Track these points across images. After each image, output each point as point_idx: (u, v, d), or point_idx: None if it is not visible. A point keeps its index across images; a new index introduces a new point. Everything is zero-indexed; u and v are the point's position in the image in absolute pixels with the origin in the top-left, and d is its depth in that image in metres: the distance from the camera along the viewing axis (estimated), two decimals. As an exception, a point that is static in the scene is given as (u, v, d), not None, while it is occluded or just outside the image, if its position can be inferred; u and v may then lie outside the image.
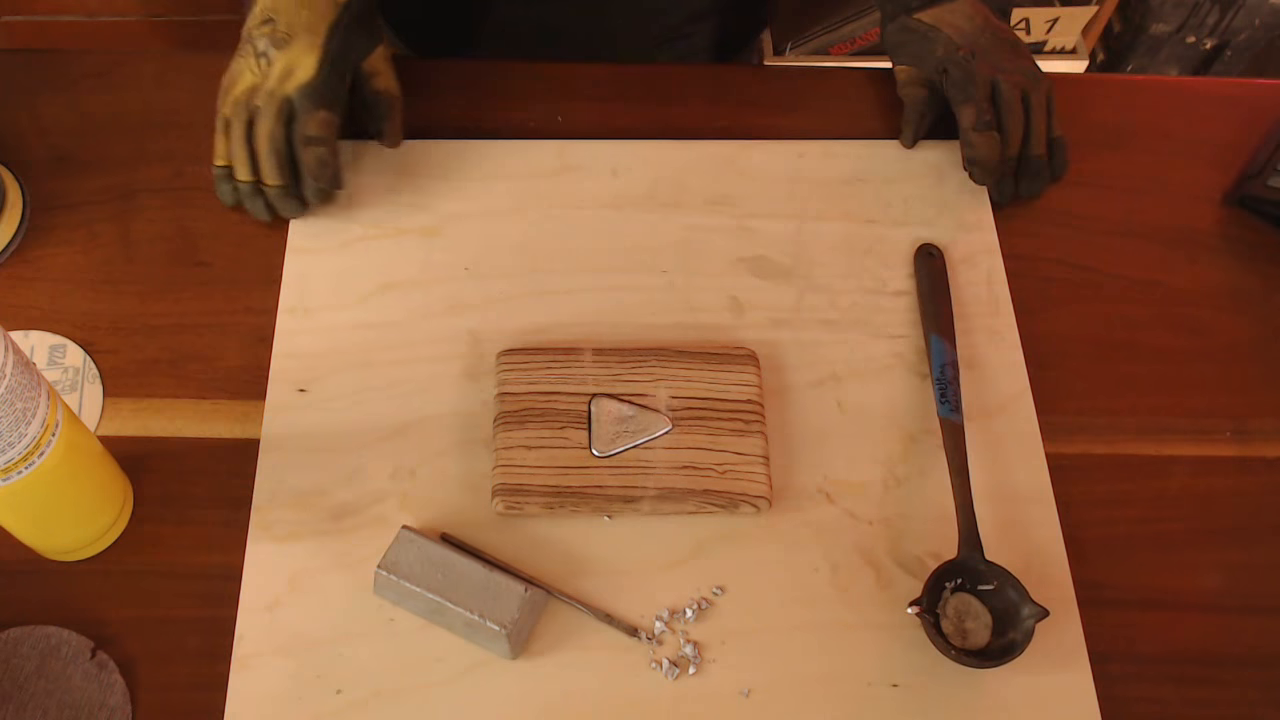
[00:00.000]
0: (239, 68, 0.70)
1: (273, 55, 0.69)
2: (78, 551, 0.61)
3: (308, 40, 0.69)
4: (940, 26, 0.75)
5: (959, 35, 0.74)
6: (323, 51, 0.69)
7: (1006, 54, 0.74)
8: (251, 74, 0.70)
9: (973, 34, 0.74)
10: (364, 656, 0.59)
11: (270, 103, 0.68)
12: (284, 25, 0.69)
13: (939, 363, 0.68)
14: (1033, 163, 0.74)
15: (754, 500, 0.63)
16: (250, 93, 0.69)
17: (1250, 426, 0.69)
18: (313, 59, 0.69)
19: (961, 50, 0.73)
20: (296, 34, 0.69)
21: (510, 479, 0.62)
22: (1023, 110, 0.73)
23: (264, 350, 0.68)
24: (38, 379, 0.53)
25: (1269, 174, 0.77)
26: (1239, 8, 1.58)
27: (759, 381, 0.66)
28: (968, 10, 0.75)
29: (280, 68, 0.69)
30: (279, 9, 0.70)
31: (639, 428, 0.64)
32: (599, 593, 0.61)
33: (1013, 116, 0.73)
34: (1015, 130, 0.73)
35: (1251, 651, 0.62)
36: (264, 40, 0.69)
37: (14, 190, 0.72)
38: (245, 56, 0.70)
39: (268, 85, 0.69)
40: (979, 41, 0.74)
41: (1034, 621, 0.58)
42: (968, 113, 0.73)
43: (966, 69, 0.73)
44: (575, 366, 0.66)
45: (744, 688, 0.59)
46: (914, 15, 0.76)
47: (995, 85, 0.73)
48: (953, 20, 0.75)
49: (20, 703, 0.57)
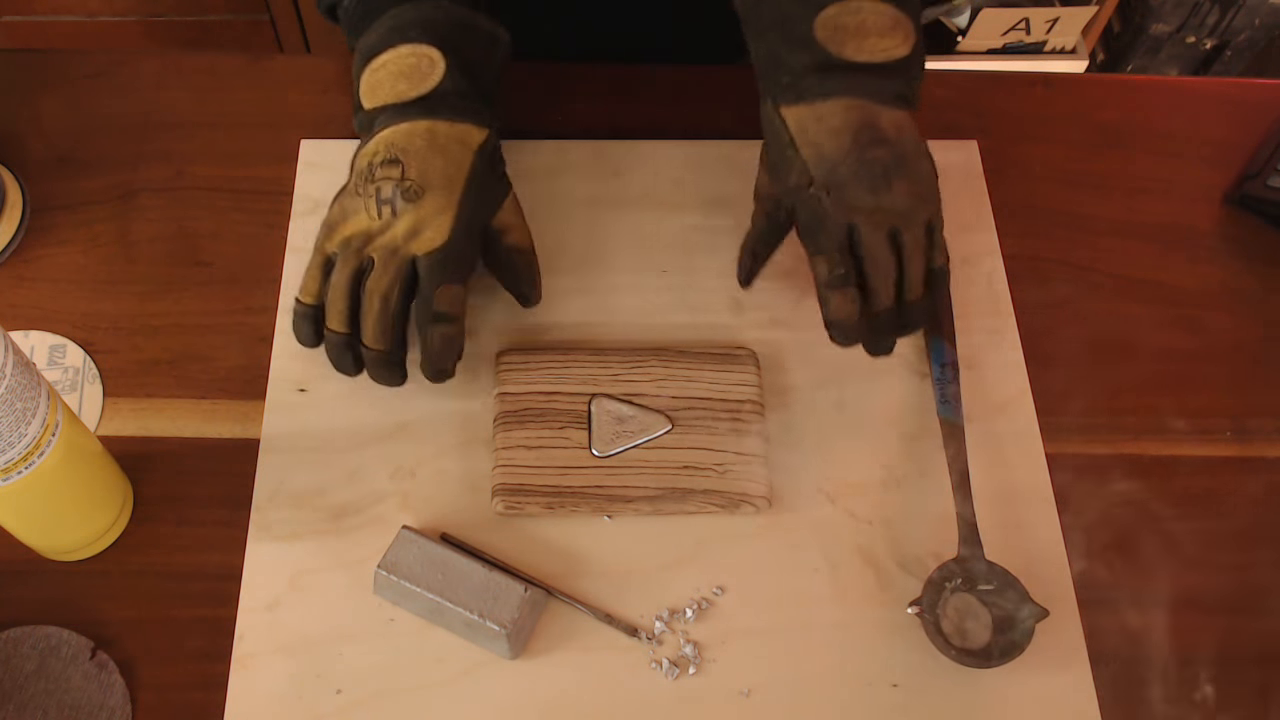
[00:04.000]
0: (353, 205, 0.62)
1: (400, 207, 0.61)
2: (78, 551, 0.61)
3: (442, 197, 0.62)
4: (799, 143, 0.62)
5: (816, 161, 0.62)
6: (458, 212, 0.62)
7: (872, 185, 0.61)
8: (368, 217, 0.61)
9: (834, 159, 0.61)
10: (364, 656, 0.59)
11: (391, 261, 0.61)
12: (415, 173, 0.61)
13: (939, 363, 0.68)
14: (908, 310, 0.63)
15: (754, 500, 0.63)
16: (364, 238, 0.62)
17: (1250, 426, 0.69)
18: (446, 220, 0.61)
19: (813, 186, 0.62)
20: (430, 187, 0.61)
21: (510, 479, 0.62)
22: (892, 255, 0.62)
23: (264, 350, 0.68)
24: (38, 379, 0.53)
25: (1269, 174, 0.77)
26: (1239, 8, 1.58)
27: (759, 381, 0.66)
28: (838, 121, 0.62)
29: (407, 223, 0.61)
30: (408, 150, 0.62)
31: (639, 428, 0.64)
32: (599, 593, 0.61)
33: (877, 269, 0.61)
34: (881, 285, 0.62)
35: (1251, 651, 0.62)
36: (390, 186, 0.61)
37: (14, 190, 0.72)
38: (363, 196, 0.62)
39: (389, 239, 0.61)
40: (838, 172, 0.61)
41: (1034, 621, 0.59)
42: (820, 266, 0.62)
43: (816, 212, 0.62)
44: (575, 366, 0.66)
45: (744, 688, 0.59)
46: (779, 108, 0.64)
47: (853, 231, 0.61)
48: (815, 135, 0.62)
49: (20, 703, 0.57)
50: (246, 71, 0.80)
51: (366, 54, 0.65)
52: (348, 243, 0.62)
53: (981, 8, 1.56)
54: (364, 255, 0.62)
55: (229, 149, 0.76)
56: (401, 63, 0.64)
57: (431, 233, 0.61)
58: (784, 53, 0.64)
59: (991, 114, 0.80)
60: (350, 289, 0.62)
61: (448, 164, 0.62)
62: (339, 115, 0.78)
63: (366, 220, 0.62)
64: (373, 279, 0.61)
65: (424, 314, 0.62)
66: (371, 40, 0.65)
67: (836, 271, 0.61)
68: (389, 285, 0.61)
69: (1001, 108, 0.81)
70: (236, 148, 0.76)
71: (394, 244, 0.61)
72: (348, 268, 0.62)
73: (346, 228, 0.62)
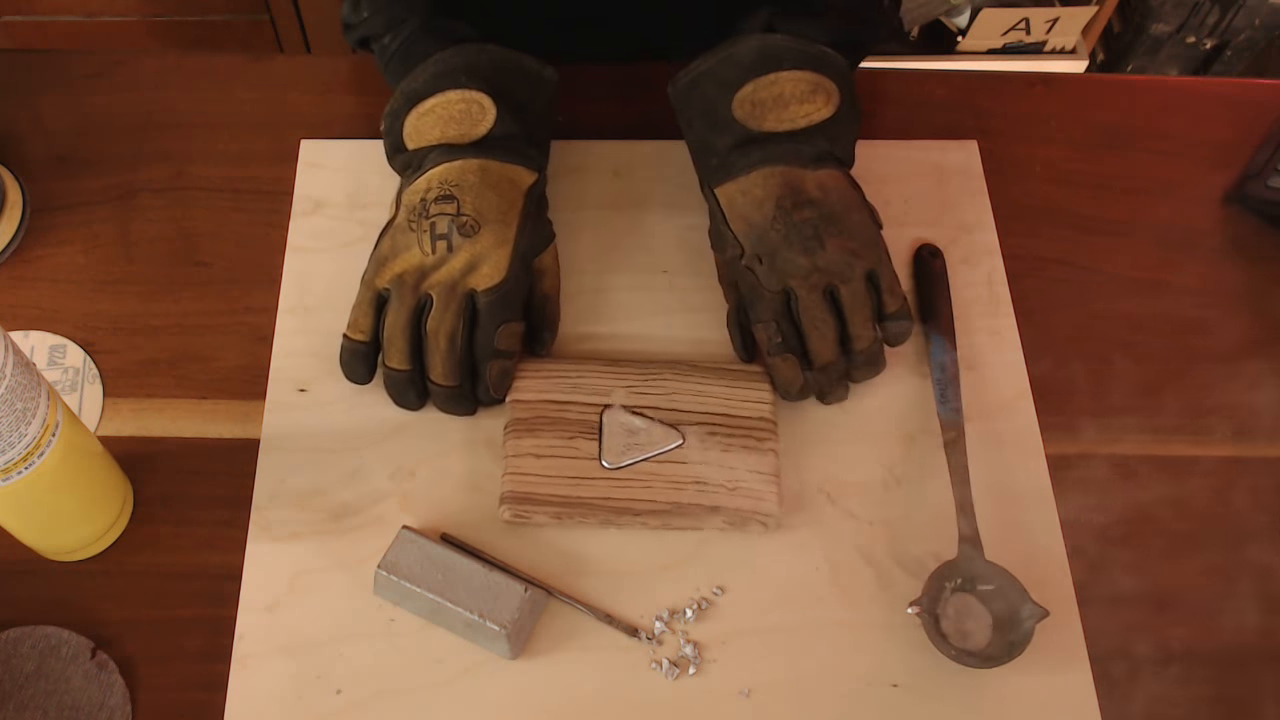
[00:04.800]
0: (405, 241, 0.63)
1: (456, 242, 0.61)
2: (78, 551, 0.61)
3: (499, 233, 0.62)
4: (730, 217, 0.65)
5: (746, 233, 0.64)
6: (514, 247, 0.63)
7: (804, 247, 0.62)
8: (422, 253, 0.62)
9: (762, 229, 0.63)
10: (364, 656, 0.59)
11: (451, 298, 0.62)
12: (470, 208, 0.62)
13: (939, 363, 0.68)
14: (859, 358, 0.64)
15: (763, 518, 0.62)
16: (418, 274, 0.62)
17: (1250, 426, 0.69)
18: (504, 255, 0.62)
19: (745, 257, 0.64)
20: (486, 223, 0.62)
21: (519, 487, 0.62)
22: (830, 314, 0.63)
23: (264, 350, 0.68)
24: (38, 379, 0.53)
25: (1269, 174, 0.77)
26: (1239, 8, 1.58)
27: (773, 398, 0.66)
28: (760, 191, 0.64)
29: (464, 259, 0.62)
30: (463, 187, 0.63)
31: (650, 441, 0.64)
32: (599, 593, 0.61)
33: (816, 329, 0.63)
34: (821, 345, 0.63)
35: (1252, 651, 0.62)
36: (446, 222, 0.62)
37: (14, 190, 0.72)
38: (417, 231, 0.62)
39: (446, 275, 0.62)
40: (767, 240, 0.63)
41: (1034, 621, 0.59)
42: (760, 336, 0.64)
43: (752, 285, 0.64)
44: (588, 376, 0.66)
45: (744, 688, 0.59)
46: (712, 189, 0.66)
47: (789, 296, 0.63)
48: (743, 208, 0.64)
49: (20, 703, 0.57)
50: (246, 71, 0.80)
51: (412, 98, 0.65)
52: (401, 279, 0.62)
53: (981, 8, 1.56)
54: (421, 292, 0.62)
55: (229, 149, 0.76)
56: (451, 108, 0.64)
57: (489, 268, 0.62)
58: (710, 137, 0.67)
59: (991, 114, 0.80)
60: (410, 327, 0.62)
61: (501, 200, 0.63)
62: (339, 115, 0.78)
63: (420, 256, 0.62)
64: (434, 318, 0.62)
65: (484, 349, 0.63)
66: (418, 85, 0.65)
67: (774, 340, 0.63)
68: (453, 324, 0.62)
69: (1001, 108, 0.81)
70: (236, 148, 0.76)
71: (452, 279, 0.62)
72: (405, 306, 0.62)
73: (398, 264, 0.62)
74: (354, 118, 0.78)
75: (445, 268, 0.62)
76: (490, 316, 0.62)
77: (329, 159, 0.75)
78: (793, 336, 0.64)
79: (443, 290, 0.62)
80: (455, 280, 0.62)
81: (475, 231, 0.62)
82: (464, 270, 0.62)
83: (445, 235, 0.62)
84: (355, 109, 0.78)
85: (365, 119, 0.78)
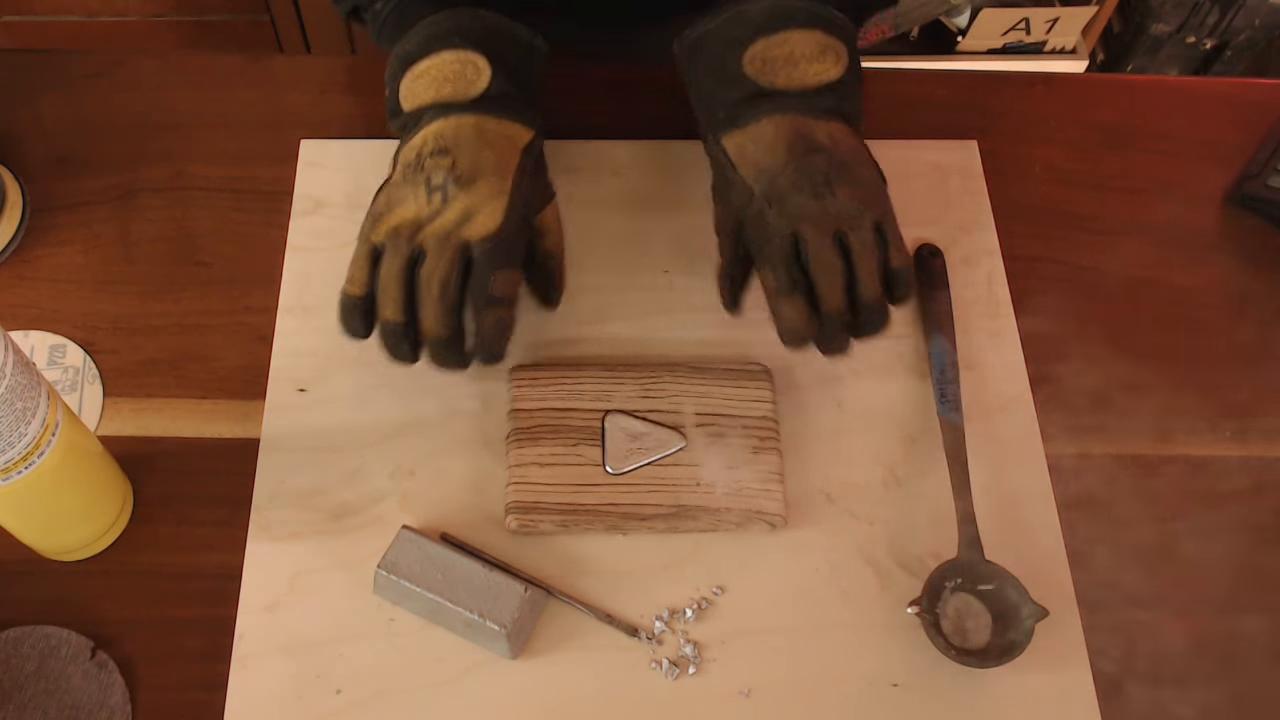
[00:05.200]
0: (401, 195, 0.62)
1: (451, 192, 0.61)
2: (78, 551, 0.61)
3: (495, 184, 0.61)
4: (739, 164, 0.63)
5: (756, 177, 0.62)
6: (510, 199, 0.61)
7: (814, 190, 0.61)
8: (417, 204, 0.61)
9: (773, 172, 0.62)
10: (364, 656, 0.59)
11: (445, 247, 0.60)
12: (466, 162, 0.61)
13: (939, 363, 0.68)
14: (866, 308, 0.62)
15: (769, 519, 0.62)
16: (414, 226, 0.61)
17: (1250, 426, 0.69)
18: (499, 206, 0.61)
19: (754, 201, 0.62)
20: (482, 175, 0.61)
21: (524, 497, 0.62)
22: (839, 258, 0.61)
23: (264, 350, 0.68)
24: (38, 379, 0.53)
25: (1269, 174, 0.77)
26: (1239, 8, 1.58)
27: (773, 397, 0.66)
28: (770, 136, 0.63)
29: (460, 209, 0.61)
30: (458, 143, 0.62)
31: (653, 444, 0.64)
32: (599, 592, 0.61)
33: (825, 273, 0.61)
34: (830, 289, 0.61)
35: (1251, 651, 0.62)
36: (442, 174, 0.61)
37: (14, 190, 0.72)
38: (412, 184, 0.62)
39: (441, 225, 0.61)
40: (778, 184, 0.62)
41: (1034, 621, 0.59)
42: (768, 279, 0.62)
43: (761, 227, 0.62)
44: (588, 382, 0.66)
45: (744, 688, 0.59)
46: (719, 140, 0.65)
47: (799, 239, 0.61)
48: (753, 154, 0.63)
49: (20, 703, 0.57)
50: (246, 71, 0.80)
51: (406, 60, 0.65)
52: (397, 231, 0.61)
53: (981, 8, 1.56)
54: (415, 243, 0.61)
55: (229, 149, 0.76)
56: (446, 69, 0.64)
57: (484, 218, 0.61)
58: (719, 91, 0.66)
59: (991, 114, 0.80)
60: (404, 277, 0.61)
61: (498, 156, 0.62)
62: (339, 115, 0.78)
63: (415, 208, 0.61)
64: (428, 266, 0.60)
65: (478, 298, 0.61)
66: (411, 47, 0.65)
67: (782, 281, 0.61)
68: (446, 271, 0.60)
69: (1001, 108, 0.81)
70: (236, 148, 0.76)
71: (446, 230, 0.60)
72: (399, 256, 0.61)
73: (394, 216, 0.61)
74: (354, 118, 0.78)
75: (440, 219, 0.61)
76: (485, 264, 0.61)
77: (329, 159, 0.75)
78: (801, 280, 0.61)
79: (436, 240, 0.60)
80: (449, 231, 0.60)
81: (471, 183, 0.61)
82: (459, 221, 0.61)
83: (440, 186, 0.61)
84: (355, 109, 0.79)
85: (365, 119, 0.78)
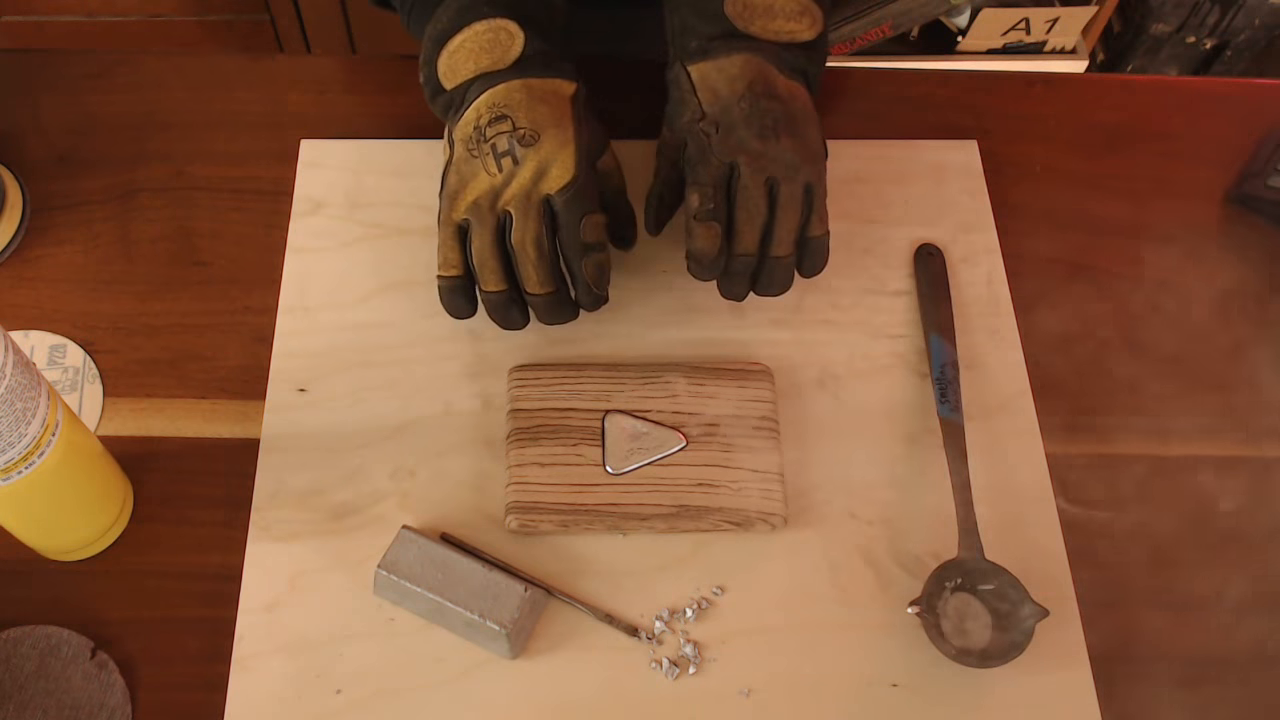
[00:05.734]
0: (470, 169, 0.63)
1: (520, 154, 0.62)
2: (78, 551, 0.61)
3: (558, 136, 0.63)
4: (699, 88, 0.65)
5: (710, 101, 0.64)
6: (576, 146, 0.63)
7: (760, 131, 0.63)
8: (489, 175, 0.62)
9: (728, 101, 0.64)
10: (364, 656, 0.59)
11: (529, 206, 0.62)
12: (525, 121, 0.63)
13: (939, 363, 0.68)
14: (770, 265, 0.64)
15: (770, 518, 0.62)
16: (492, 196, 0.62)
17: (1250, 426, 0.69)
18: (569, 155, 0.63)
19: (703, 121, 0.64)
20: (544, 130, 0.62)
21: (524, 497, 0.62)
22: (765, 202, 0.63)
23: (264, 350, 0.68)
24: (38, 379, 0.53)
25: (1269, 174, 0.77)
26: (1239, 8, 1.58)
27: (774, 397, 0.66)
28: (736, 70, 0.64)
29: (532, 166, 0.62)
30: (512, 106, 0.63)
31: (653, 444, 0.64)
32: (599, 592, 0.61)
33: (746, 210, 0.62)
34: (747, 227, 0.63)
35: (1252, 652, 0.62)
36: (506, 139, 0.62)
37: (14, 190, 0.72)
38: (480, 156, 0.63)
39: (519, 188, 0.62)
40: (730, 113, 0.63)
41: (1034, 621, 0.59)
42: (692, 198, 0.63)
43: (701, 146, 0.64)
44: (588, 382, 0.66)
45: (744, 688, 0.59)
46: (687, 66, 0.66)
47: (734, 169, 0.63)
48: (715, 81, 0.65)
49: (20, 703, 0.57)
50: (246, 71, 0.80)
51: (439, 39, 0.66)
52: (477, 205, 0.63)
53: (981, 8, 1.56)
54: (498, 211, 0.63)
55: (229, 149, 0.76)
56: (480, 39, 0.65)
57: (558, 170, 0.62)
58: (695, 23, 0.67)
59: (991, 114, 0.80)
60: (497, 247, 0.63)
61: (552, 110, 0.64)
62: (339, 115, 0.78)
63: (488, 179, 0.63)
64: (518, 230, 0.62)
65: (572, 247, 0.63)
66: (443, 25, 0.66)
67: (706, 205, 0.63)
68: (537, 230, 0.62)
69: (1001, 108, 0.81)
70: (236, 148, 0.76)
71: (525, 189, 0.62)
72: (487, 228, 0.63)
73: (470, 192, 0.63)
74: (354, 118, 0.78)
75: (516, 181, 0.62)
76: (570, 214, 0.62)
77: (329, 159, 0.75)
78: (723, 210, 0.63)
79: (519, 202, 0.62)
80: (529, 190, 0.62)
81: (536, 140, 0.62)
82: (534, 178, 0.62)
83: (508, 151, 0.62)
84: (355, 109, 0.79)
85: (365, 119, 0.78)
